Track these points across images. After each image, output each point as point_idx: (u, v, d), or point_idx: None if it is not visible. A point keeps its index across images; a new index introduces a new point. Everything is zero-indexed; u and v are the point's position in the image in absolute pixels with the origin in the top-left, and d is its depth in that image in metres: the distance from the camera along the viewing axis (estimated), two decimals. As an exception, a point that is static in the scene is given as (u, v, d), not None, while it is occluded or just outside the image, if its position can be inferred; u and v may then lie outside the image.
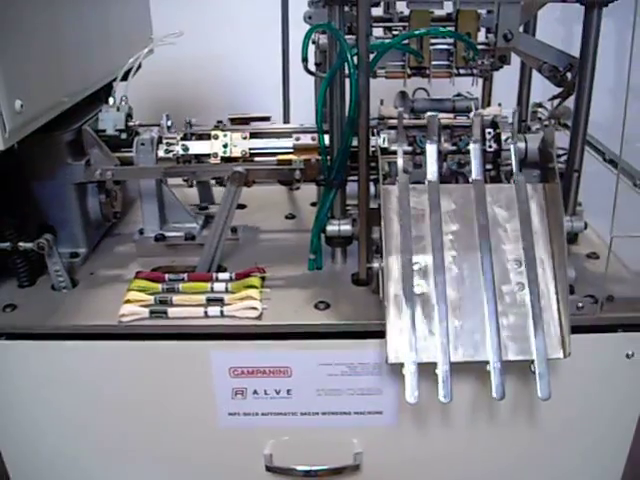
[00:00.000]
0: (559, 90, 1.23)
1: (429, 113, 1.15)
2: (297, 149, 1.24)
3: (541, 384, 1.00)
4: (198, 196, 1.45)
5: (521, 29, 1.24)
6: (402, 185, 1.11)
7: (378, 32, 1.37)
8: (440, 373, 0.99)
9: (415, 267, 1.06)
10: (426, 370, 1.00)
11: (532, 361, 1.01)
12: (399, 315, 1.03)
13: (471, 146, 1.16)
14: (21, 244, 1.15)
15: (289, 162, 1.22)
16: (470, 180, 1.13)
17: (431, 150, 1.14)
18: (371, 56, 1.09)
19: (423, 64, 1.17)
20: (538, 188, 1.14)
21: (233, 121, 1.31)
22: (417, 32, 1.14)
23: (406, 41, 1.16)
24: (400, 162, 1.14)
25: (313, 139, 1.23)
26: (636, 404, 1.17)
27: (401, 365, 1.00)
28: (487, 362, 1.01)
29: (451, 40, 1.19)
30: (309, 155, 1.22)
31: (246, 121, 1.32)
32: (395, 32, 1.36)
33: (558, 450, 1.21)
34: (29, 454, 1.22)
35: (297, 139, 1.25)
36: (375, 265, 1.09)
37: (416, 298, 1.04)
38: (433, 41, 1.19)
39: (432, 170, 1.13)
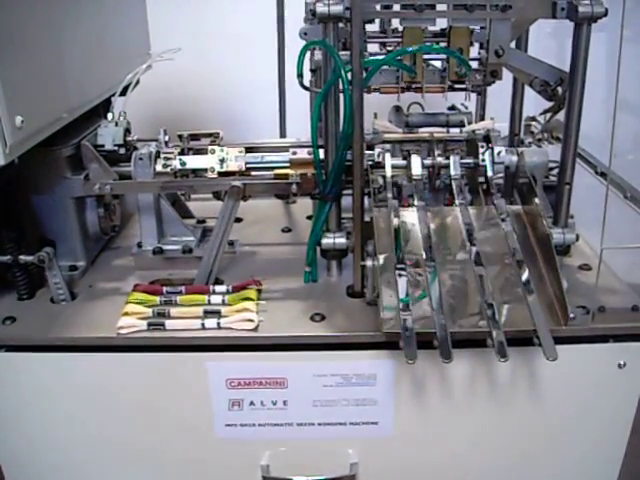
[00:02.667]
0: (550, 104, 1.25)
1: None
2: (293, 163, 1.26)
3: (546, 348, 1.00)
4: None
5: (513, 45, 1.26)
6: (390, 209, 1.16)
7: (374, 48, 1.39)
8: (437, 330, 1.01)
9: (407, 262, 1.10)
10: (420, 380, 1.01)
11: (534, 330, 1.02)
12: (391, 286, 1.06)
13: (452, 182, 1.20)
14: (22, 257, 1.16)
15: (286, 176, 1.24)
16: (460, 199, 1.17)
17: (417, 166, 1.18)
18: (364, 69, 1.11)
19: (416, 79, 1.19)
20: (519, 210, 1.18)
21: (180, 138, 1.31)
22: (410, 49, 1.15)
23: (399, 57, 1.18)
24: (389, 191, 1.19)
25: (309, 153, 1.24)
26: (629, 414, 1.18)
27: (396, 334, 1.02)
28: (487, 332, 1.02)
29: (444, 56, 1.21)
30: (305, 169, 1.24)
31: (197, 137, 1.33)
32: (389, 48, 1.39)
33: (552, 459, 1.22)
34: (28, 465, 1.22)
35: (294, 153, 1.26)
36: (368, 263, 1.11)
37: (408, 271, 1.08)
38: (426, 57, 1.21)
39: (420, 195, 1.19)
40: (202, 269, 1.24)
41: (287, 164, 1.26)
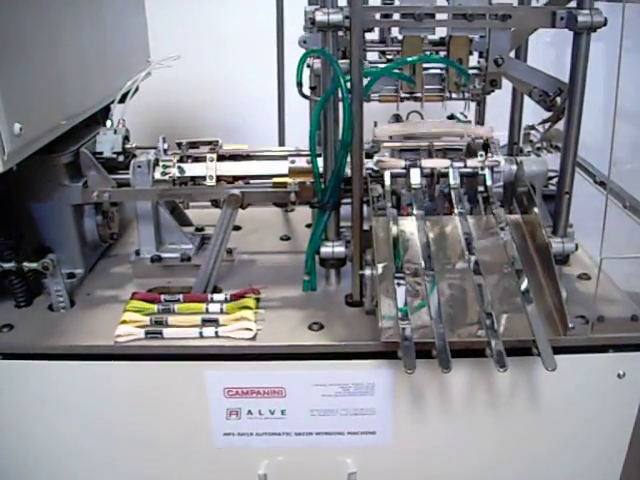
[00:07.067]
0: (549, 114, 1.25)
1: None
2: (292, 172, 1.25)
3: (545, 358, 1.00)
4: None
5: (512, 54, 1.26)
6: (390, 217, 1.17)
7: (373, 56, 1.39)
8: (436, 340, 1.01)
9: (406, 271, 1.10)
10: (419, 390, 1.01)
11: (533, 341, 1.02)
12: (390, 295, 1.06)
13: (452, 192, 1.20)
14: (26, 264, 1.16)
15: (284, 185, 1.24)
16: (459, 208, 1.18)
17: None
18: (364, 80, 1.10)
19: (415, 90, 1.19)
20: (519, 219, 1.18)
21: (179, 146, 1.31)
22: (410, 59, 1.15)
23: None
24: (388, 201, 1.19)
25: (308, 162, 1.24)
26: (628, 424, 1.17)
27: (395, 344, 1.02)
28: (486, 341, 1.02)
29: (443, 65, 1.21)
30: (304, 178, 1.24)
31: (196, 145, 1.32)
32: (389, 56, 1.39)
33: (552, 469, 1.21)
34: (25, 473, 1.22)
35: (292, 162, 1.26)
36: (367, 272, 1.11)
37: (407, 281, 1.08)
38: (425, 66, 1.21)
39: (419, 204, 1.19)
40: (200, 278, 1.24)
41: (286, 172, 1.26)
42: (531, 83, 1.22)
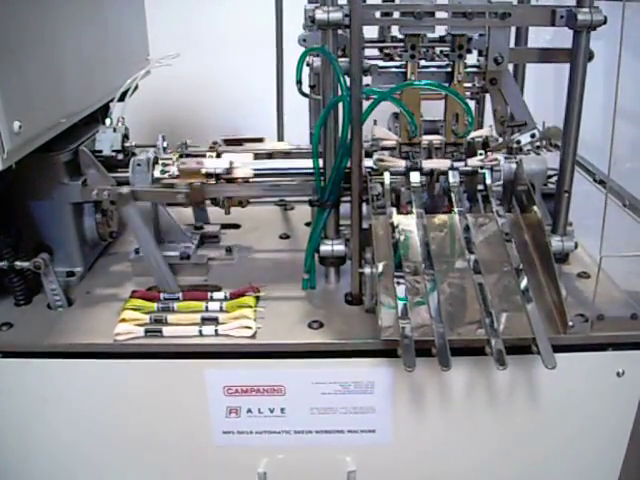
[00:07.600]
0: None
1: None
2: (183, 173, 1.24)
3: (545, 356, 1.00)
4: (193, 216, 1.46)
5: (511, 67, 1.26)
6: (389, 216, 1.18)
7: (373, 53, 1.39)
8: (436, 338, 1.01)
9: (406, 269, 1.10)
10: (419, 388, 1.01)
11: (533, 339, 1.03)
12: (389, 293, 1.07)
13: (452, 193, 1.21)
14: (18, 263, 1.16)
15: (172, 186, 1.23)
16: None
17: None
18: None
19: (414, 140, 1.23)
20: (518, 218, 1.18)
21: (227, 142, 1.32)
22: (416, 83, 1.16)
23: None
24: (388, 200, 1.20)
25: (197, 163, 1.22)
26: (627, 422, 1.18)
27: (394, 342, 1.02)
28: (486, 340, 1.02)
29: (444, 62, 1.22)
30: (194, 179, 1.22)
31: (240, 142, 1.33)
32: (387, 51, 1.39)
33: (551, 467, 1.21)
34: (23, 472, 1.22)
35: (183, 163, 1.24)
36: (366, 270, 1.11)
37: (407, 280, 1.08)
38: (426, 64, 1.21)
39: (418, 203, 1.19)
40: (156, 277, 1.24)
41: (293, 171, 1.26)
42: (509, 103, 1.22)
